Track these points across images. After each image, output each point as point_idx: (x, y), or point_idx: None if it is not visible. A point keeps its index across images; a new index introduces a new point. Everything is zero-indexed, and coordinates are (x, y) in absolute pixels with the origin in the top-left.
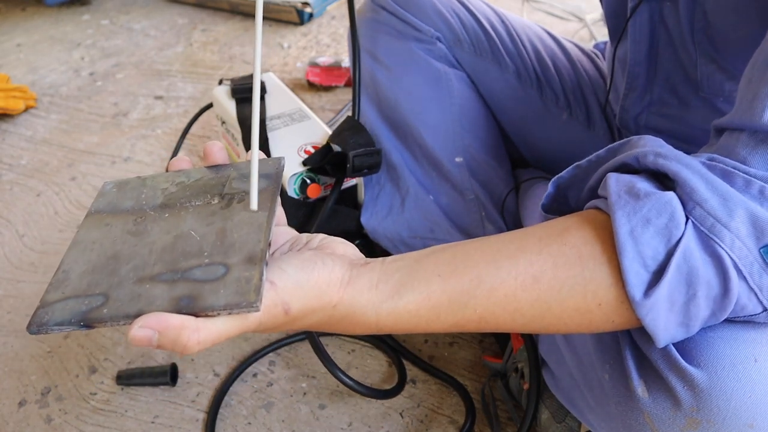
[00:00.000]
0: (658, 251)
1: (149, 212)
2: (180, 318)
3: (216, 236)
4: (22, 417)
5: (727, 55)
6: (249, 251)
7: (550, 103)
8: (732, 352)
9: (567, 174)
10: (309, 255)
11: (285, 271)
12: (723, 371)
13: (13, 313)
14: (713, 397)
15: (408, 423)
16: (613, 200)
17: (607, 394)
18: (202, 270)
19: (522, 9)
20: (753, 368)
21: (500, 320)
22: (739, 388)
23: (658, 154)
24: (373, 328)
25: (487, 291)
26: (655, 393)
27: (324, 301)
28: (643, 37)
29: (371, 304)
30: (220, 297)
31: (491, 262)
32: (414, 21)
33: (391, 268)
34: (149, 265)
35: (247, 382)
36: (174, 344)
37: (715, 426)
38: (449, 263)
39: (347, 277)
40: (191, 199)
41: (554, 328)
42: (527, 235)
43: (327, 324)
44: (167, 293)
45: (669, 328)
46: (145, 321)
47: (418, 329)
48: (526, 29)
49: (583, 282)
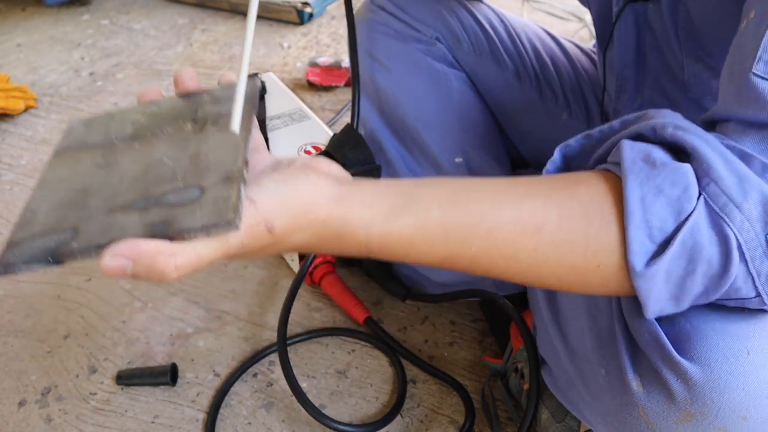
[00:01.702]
0: (667, 223)
1: (118, 144)
2: (154, 243)
3: (190, 161)
4: (22, 417)
5: (713, 53)
6: (225, 171)
7: (549, 103)
8: (725, 345)
9: (575, 143)
10: (291, 171)
11: (265, 188)
12: (716, 364)
13: (13, 313)
14: (707, 390)
15: (408, 423)
16: (627, 165)
17: (602, 388)
18: (175, 194)
19: (522, 9)
20: (746, 361)
21: (493, 264)
22: (732, 380)
23: (677, 126)
24: (362, 249)
25: (487, 230)
26: (649, 387)
27: (311, 217)
28: (629, 40)
29: (363, 222)
30: (196, 218)
31: (495, 202)
32: (413, 22)
33: (386, 190)
34: (120, 195)
35: (247, 382)
36: (150, 272)
37: (709, 418)
38: (451, 196)
39: (336, 193)
40: (163, 128)
41: (547, 282)
42: (535, 183)
43: (315, 244)
44: (140, 220)
45: (660, 300)
46: (116, 249)
47: (406, 257)
48: (526, 29)
49: (586, 240)
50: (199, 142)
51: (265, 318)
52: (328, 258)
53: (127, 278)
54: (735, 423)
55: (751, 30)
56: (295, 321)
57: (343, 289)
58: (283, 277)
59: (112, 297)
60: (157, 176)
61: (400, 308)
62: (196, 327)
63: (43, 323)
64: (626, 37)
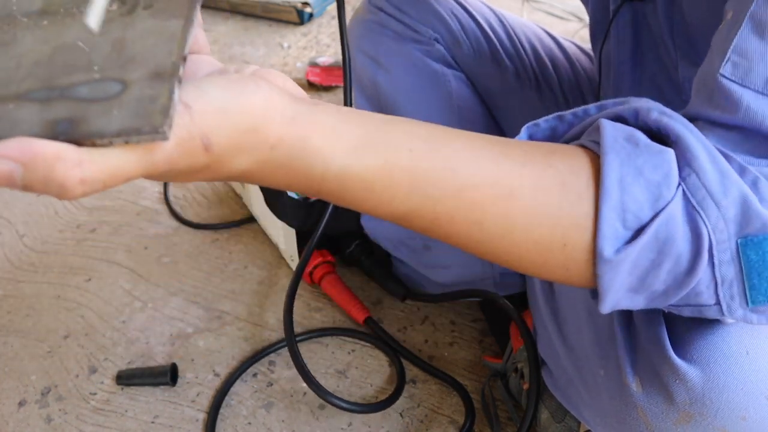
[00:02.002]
0: (643, 209)
1: (21, 19)
2: (55, 145)
3: (112, 47)
4: (22, 417)
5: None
6: (156, 65)
7: (549, 103)
8: (725, 345)
9: (545, 123)
10: (237, 77)
11: (205, 92)
12: (716, 364)
13: (13, 313)
14: (706, 391)
15: (408, 423)
16: (608, 143)
17: (601, 389)
18: (89, 87)
19: (522, 9)
20: (745, 361)
21: (454, 228)
22: (731, 381)
23: (662, 112)
24: (312, 187)
25: (457, 189)
26: (648, 388)
27: (258, 137)
28: (626, 38)
29: (321, 154)
30: (113, 120)
31: (471, 159)
32: (412, 22)
33: (352, 119)
34: (15, 81)
35: (247, 382)
36: (46, 183)
37: (708, 419)
38: (425, 141)
39: (291, 112)
40: (80, 4)
41: (502, 258)
42: (511, 144)
43: (257, 173)
44: (38, 115)
45: (618, 292)
46: (3, 149)
47: (358, 204)
48: (525, 29)
49: (558, 214)
50: (125, 26)
51: (265, 318)
52: (328, 258)
53: (15, 189)
54: (734, 423)
55: (725, 31)
56: (295, 321)
57: (343, 289)
58: (283, 277)
59: (112, 297)
60: (67, 63)
61: (400, 308)
62: (196, 327)
63: (43, 323)
64: (623, 34)
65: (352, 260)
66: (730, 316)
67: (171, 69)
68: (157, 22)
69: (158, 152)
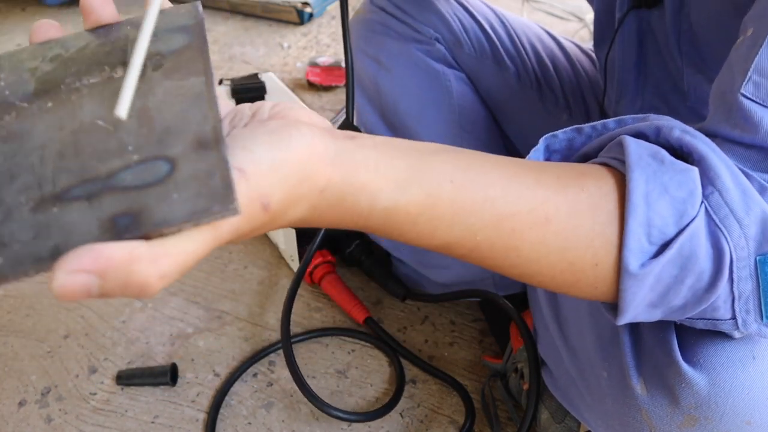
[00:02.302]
0: (668, 225)
1: (20, 105)
2: (126, 247)
3: (138, 122)
4: (22, 417)
5: (713, 66)
6: (195, 133)
7: (549, 104)
8: (731, 349)
9: (563, 135)
10: (275, 126)
11: (253, 152)
12: (722, 368)
13: (13, 313)
14: (712, 395)
15: (408, 423)
16: (633, 159)
17: (604, 391)
18: (133, 173)
19: (522, 9)
20: (751, 366)
21: (493, 255)
22: (737, 385)
23: (685, 131)
24: (359, 223)
25: (496, 218)
26: (653, 390)
27: (310, 184)
28: (631, 44)
29: (367, 191)
30: (176, 204)
31: (508, 187)
32: (413, 22)
33: (391, 152)
34: (47, 180)
35: (247, 382)
36: (125, 287)
37: (713, 423)
38: (464, 171)
39: (332, 152)
40: (82, 77)
41: (536, 279)
42: (543, 169)
43: (309, 218)
44: (90, 215)
45: (639, 307)
46: (73, 262)
47: (401, 236)
48: (526, 30)
49: (591, 236)
50: (143, 95)
51: (265, 318)
52: (328, 258)
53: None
54: (739, 428)
55: (745, 48)
56: (295, 321)
57: (343, 289)
58: (283, 277)
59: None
60: (96, 148)
61: (400, 308)
62: (196, 327)
63: (43, 323)
64: (628, 42)
65: (352, 260)
66: (745, 330)
67: (214, 136)
68: (175, 84)
69: (225, 227)
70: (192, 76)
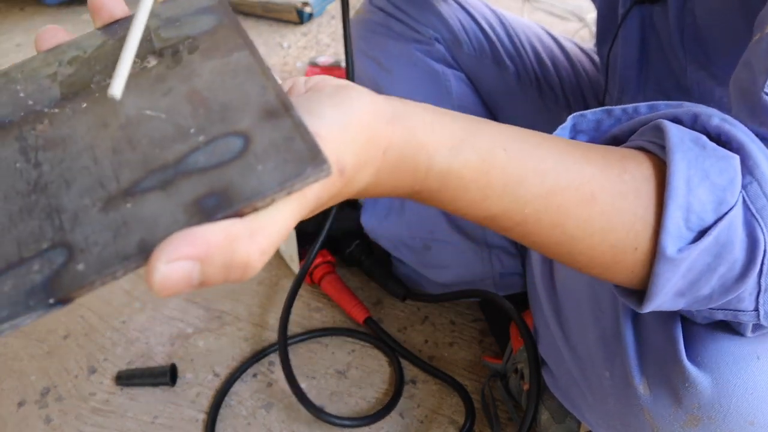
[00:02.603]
0: (706, 211)
1: (50, 111)
2: (221, 227)
3: (190, 104)
4: (21, 417)
5: (717, 62)
6: (260, 104)
7: (549, 103)
8: (735, 349)
9: (592, 115)
10: (332, 90)
11: (322, 116)
12: (726, 368)
13: None
14: (715, 395)
15: (408, 423)
16: (674, 142)
17: (606, 391)
18: (204, 153)
19: (522, 9)
20: (755, 366)
21: (538, 229)
22: (740, 385)
23: (724, 119)
24: (416, 187)
25: (546, 191)
26: (656, 390)
27: (374, 147)
28: (633, 41)
29: (426, 150)
30: (265, 175)
31: (559, 162)
32: (412, 22)
33: (443, 115)
34: (108, 178)
35: (246, 383)
36: (228, 269)
37: (716, 423)
38: (516, 142)
39: (390, 112)
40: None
41: (576, 259)
42: (589, 148)
43: (372, 184)
44: (170, 203)
45: (666, 294)
46: (171, 251)
47: (456, 205)
48: (525, 29)
49: (633, 219)
50: (185, 78)
51: (265, 318)
52: (328, 258)
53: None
54: (742, 428)
55: (764, 46)
56: (295, 321)
57: (343, 289)
58: (283, 277)
59: (111, 297)
60: (153, 138)
61: (400, 308)
62: (195, 327)
63: (42, 323)
64: (630, 37)
65: (352, 260)
66: (765, 322)
67: (281, 103)
68: (219, 62)
69: (310, 195)
70: (234, 51)
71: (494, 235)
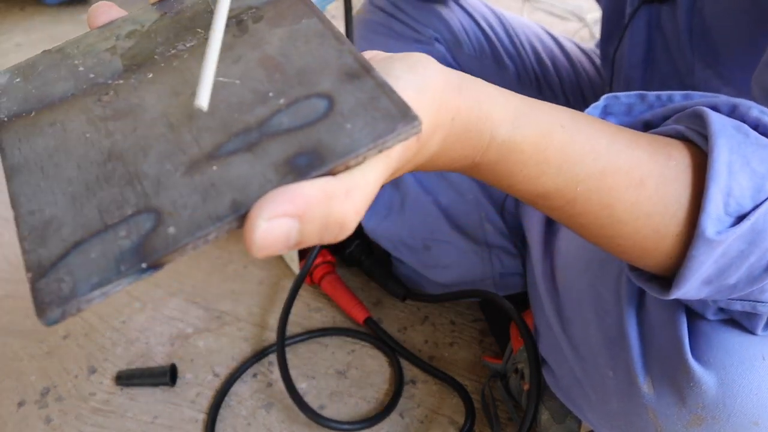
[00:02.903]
0: (745, 197)
1: (115, 83)
2: (318, 185)
3: (264, 69)
4: (21, 417)
5: (725, 61)
6: (338, 66)
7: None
8: (741, 349)
9: (625, 98)
10: (403, 56)
11: (399, 78)
12: (731, 368)
13: (13, 313)
14: (720, 395)
15: (408, 423)
16: (717, 128)
17: (609, 390)
18: (287, 115)
19: (522, 9)
20: (761, 366)
21: (588, 209)
22: (746, 385)
23: (763, 111)
24: (477, 159)
25: (599, 171)
26: (660, 389)
27: (445, 111)
28: (640, 41)
29: (491, 120)
30: (356, 133)
31: (611, 143)
32: (412, 22)
33: (502, 90)
34: (187, 143)
35: (246, 383)
36: (325, 228)
37: (720, 423)
38: (572, 121)
39: (456, 81)
40: (175, 44)
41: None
42: (637, 134)
43: (438, 153)
44: (259, 163)
45: (696, 280)
46: (272, 208)
47: (512, 180)
48: (525, 29)
49: (677, 206)
50: (255, 45)
51: (265, 318)
52: (328, 258)
53: (286, 249)
54: (746, 428)
55: None
56: (295, 321)
57: (343, 289)
58: (283, 277)
59: (111, 297)
60: (230, 103)
61: (400, 308)
62: (195, 327)
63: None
64: (637, 37)
65: (352, 260)
66: None
67: (361, 64)
68: (288, 29)
69: (393, 155)
70: (302, 19)
71: (494, 235)
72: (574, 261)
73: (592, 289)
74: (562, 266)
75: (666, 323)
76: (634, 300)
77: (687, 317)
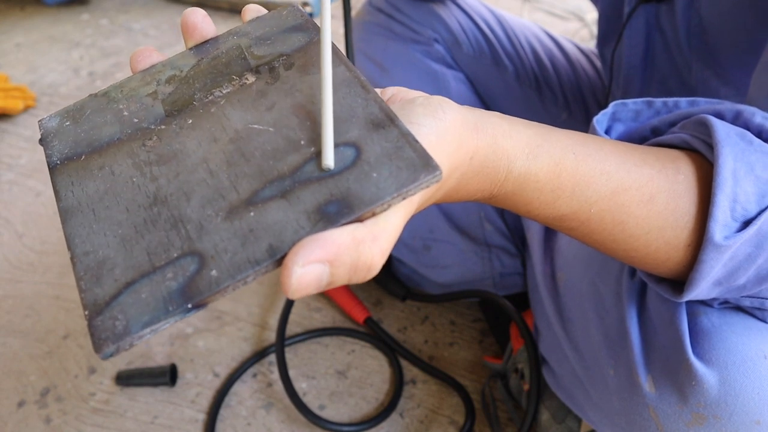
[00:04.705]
0: (750, 203)
1: (158, 128)
2: (347, 232)
3: (296, 117)
4: (21, 417)
5: (723, 61)
6: (365, 116)
7: (549, 104)
8: (743, 347)
9: (633, 105)
10: (422, 100)
11: (422, 125)
12: (733, 367)
13: (13, 313)
14: (722, 394)
15: (408, 423)
16: (721, 136)
17: (610, 389)
18: (317, 163)
19: (522, 9)
20: (762, 365)
21: (602, 227)
22: (748, 384)
23: (766, 117)
24: (494, 191)
25: (611, 191)
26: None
27: (463, 153)
28: (638, 41)
29: (507, 155)
30: (382, 182)
31: (621, 163)
32: (411, 23)
33: (517, 122)
34: (227, 189)
35: (246, 383)
36: (354, 271)
37: (722, 422)
38: (582, 146)
39: (472, 121)
40: (211, 90)
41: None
42: (645, 149)
43: (455, 187)
44: (293, 210)
45: (708, 283)
46: (306, 254)
47: (528, 207)
48: (524, 30)
49: (687, 218)
50: (287, 93)
51: (265, 318)
52: None
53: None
54: (748, 427)
55: None
56: (295, 321)
57: (343, 289)
58: None
59: None
60: (264, 150)
61: (400, 308)
62: (195, 327)
63: (42, 323)
64: (635, 37)
65: None
66: None
67: (386, 114)
68: (318, 77)
69: (415, 198)
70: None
71: (494, 235)
72: (574, 260)
73: (593, 288)
74: (563, 266)
75: (667, 322)
76: (635, 298)
77: (688, 315)
